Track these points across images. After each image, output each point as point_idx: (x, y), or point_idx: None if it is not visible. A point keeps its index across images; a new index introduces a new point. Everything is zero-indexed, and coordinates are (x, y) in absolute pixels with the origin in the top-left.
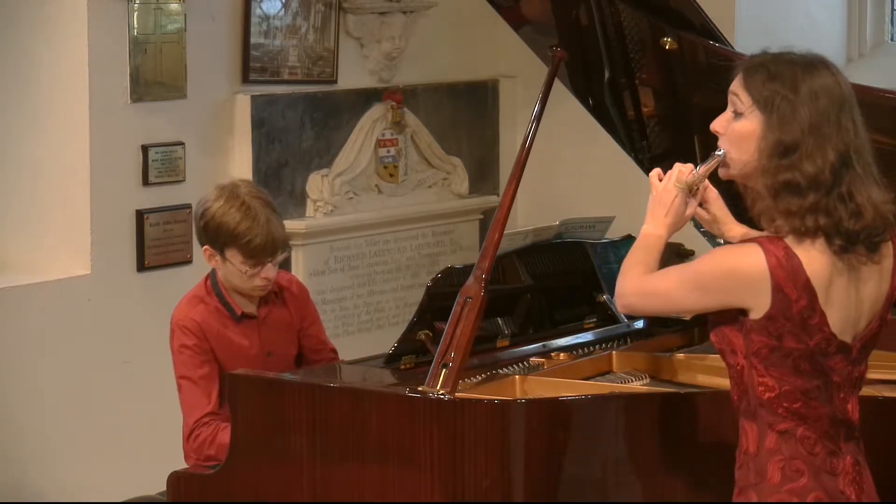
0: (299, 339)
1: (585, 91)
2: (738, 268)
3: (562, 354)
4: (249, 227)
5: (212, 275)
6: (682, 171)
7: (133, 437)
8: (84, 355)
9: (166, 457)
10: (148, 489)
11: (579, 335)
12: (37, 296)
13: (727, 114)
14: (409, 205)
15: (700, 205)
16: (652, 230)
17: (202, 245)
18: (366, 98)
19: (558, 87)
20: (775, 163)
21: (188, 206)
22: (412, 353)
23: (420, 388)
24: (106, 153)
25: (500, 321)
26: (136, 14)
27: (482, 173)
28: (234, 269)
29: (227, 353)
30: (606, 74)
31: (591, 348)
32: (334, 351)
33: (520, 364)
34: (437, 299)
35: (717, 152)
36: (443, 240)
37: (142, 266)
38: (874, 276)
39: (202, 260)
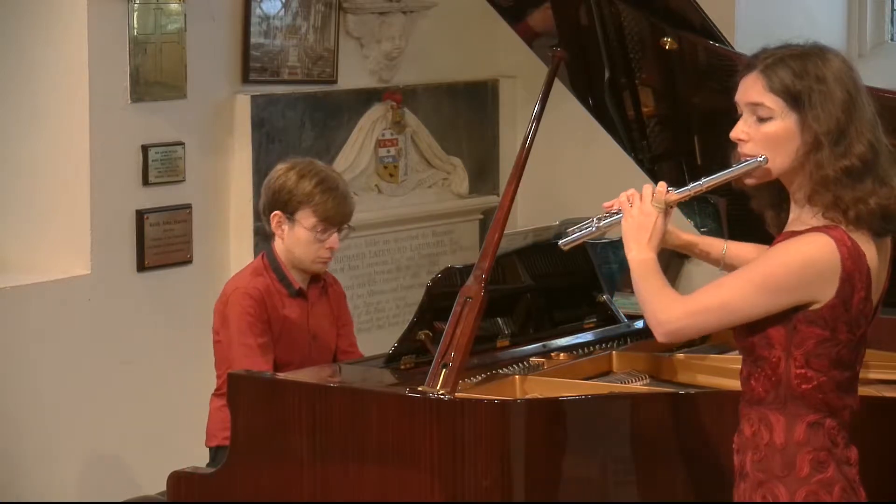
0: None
1: (585, 91)
2: (813, 258)
3: (562, 354)
4: (326, 189)
5: (268, 252)
6: (659, 190)
7: (133, 437)
8: (84, 355)
9: (166, 457)
10: (148, 489)
11: (579, 335)
12: (37, 296)
13: (748, 120)
14: (409, 205)
15: None
16: (642, 255)
17: (269, 213)
18: (366, 98)
19: (558, 87)
20: (828, 153)
21: (188, 206)
22: (412, 353)
23: (420, 388)
24: (106, 153)
25: (500, 321)
26: (136, 14)
27: (482, 173)
28: (302, 233)
29: (280, 328)
30: (606, 74)
31: (591, 348)
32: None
33: (520, 364)
34: (437, 299)
35: (748, 160)
36: (443, 240)
37: (142, 266)
38: (885, 265)
39: (202, 260)
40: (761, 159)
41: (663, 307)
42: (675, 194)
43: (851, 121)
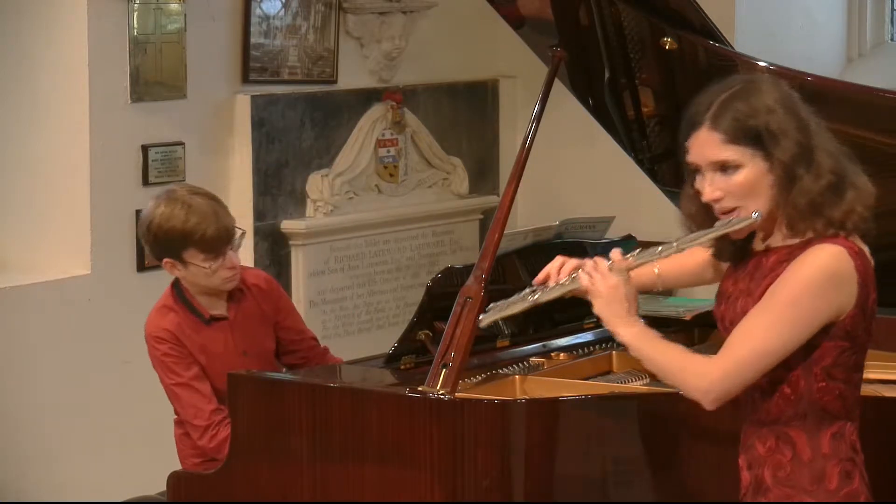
0: (276, 333)
1: (585, 91)
2: (832, 270)
3: (562, 354)
4: (198, 222)
5: (175, 283)
6: (616, 260)
7: (133, 437)
8: (84, 355)
9: (166, 457)
10: (148, 489)
11: (579, 335)
12: (37, 296)
13: (713, 177)
14: (409, 205)
15: None
16: (633, 328)
17: (159, 260)
18: (366, 98)
19: (558, 87)
20: (806, 178)
21: None
22: (412, 353)
23: (420, 388)
24: (106, 153)
25: (500, 321)
26: (136, 14)
27: (482, 173)
28: (197, 269)
29: (204, 357)
30: (606, 74)
31: (591, 348)
32: (315, 339)
33: (520, 364)
34: (437, 299)
35: (740, 218)
36: (443, 240)
37: (142, 266)
38: None
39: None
40: (756, 216)
41: (698, 375)
42: (635, 261)
43: (810, 138)
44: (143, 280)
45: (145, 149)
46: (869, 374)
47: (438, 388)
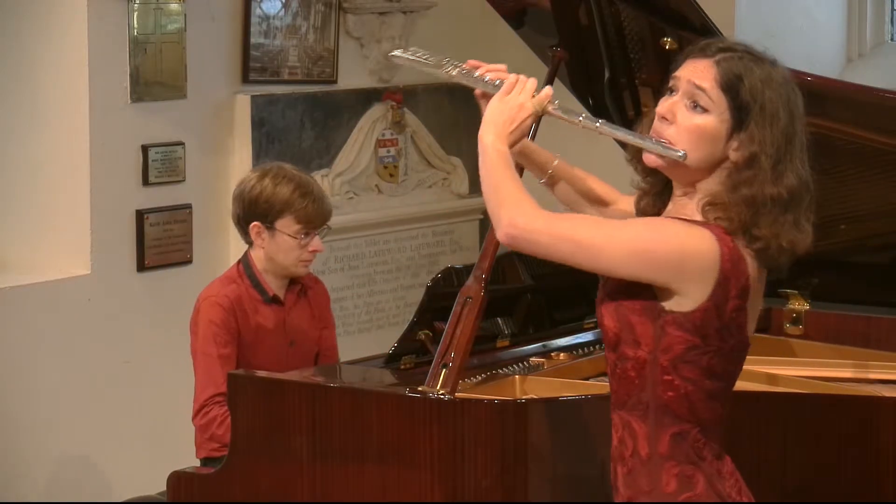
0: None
1: (585, 91)
2: (691, 249)
3: (562, 354)
4: (304, 194)
5: (244, 259)
6: (545, 94)
7: (133, 437)
8: (84, 355)
9: (166, 457)
10: (148, 489)
11: (579, 335)
12: (37, 296)
13: (680, 101)
14: (409, 205)
15: None
16: (500, 146)
17: (248, 224)
18: (366, 98)
19: (558, 86)
20: (761, 175)
21: (188, 206)
22: (412, 353)
23: (420, 388)
24: (106, 153)
25: (500, 321)
26: (136, 14)
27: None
28: (285, 239)
29: (253, 335)
30: (606, 74)
31: (591, 348)
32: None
33: (520, 364)
34: (437, 299)
35: (667, 146)
36: (443, 240)
37: (142, 266)
38: (762, 290)
39: (202, 260)
40: (680, 154)
41: (523, 212)
42: (553, 110)
43: (789, 149)
44: (143, 280)
45: (145, 149)
46: (869, 374)
47: (438, 388)
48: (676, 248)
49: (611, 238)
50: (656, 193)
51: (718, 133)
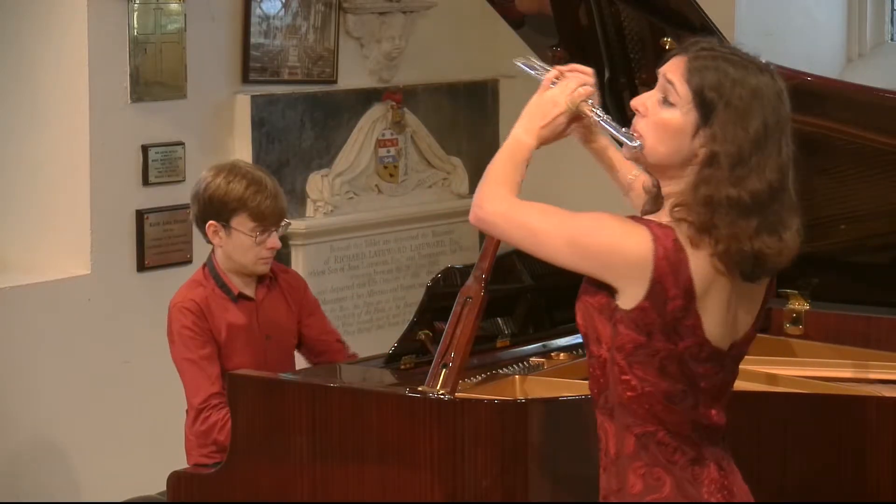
0: (301, 330)
1: None
2: (622, 246)
3: (562, 354)
4: (258, 191)
5: (208, 261)
6: (581, 92)
7: (133, 437)
8: (84, 355)
9: (166, 457)
10: (148, 489)
11: (579, 335)
12: (37, 296)
13: (653, 95)
14: (409, 205)
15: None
16: (524, 136)
17: (205, 223)
18: (366, 98)
19: None
20: (720, 174)
21: (188, 206)
22: (412, 353)
23: (420, 388)
24: (106, 153)
25: (500, 321)
26: (136, 14)
27: (482, 173)
28: (241, 238)
29: (227, 334)
30: (606, 74)
31: None
32: (341, 342)
33: (520, 364)
34: (437, 299)
35: (628, 134)
36: (443, 240)
37: (142, 266)
38: (756, 287)
39: (202, 260)
40: (636, 145)
41: (493, 196)
42: (588, 109)
43: (757, 154)
44: (143, 280)
45: (145, 149)
46: (869, 374)
47: (438, 388)
48: (607, 243)
49: (556, 227)
50: (654, 196)
51: (683, 128)
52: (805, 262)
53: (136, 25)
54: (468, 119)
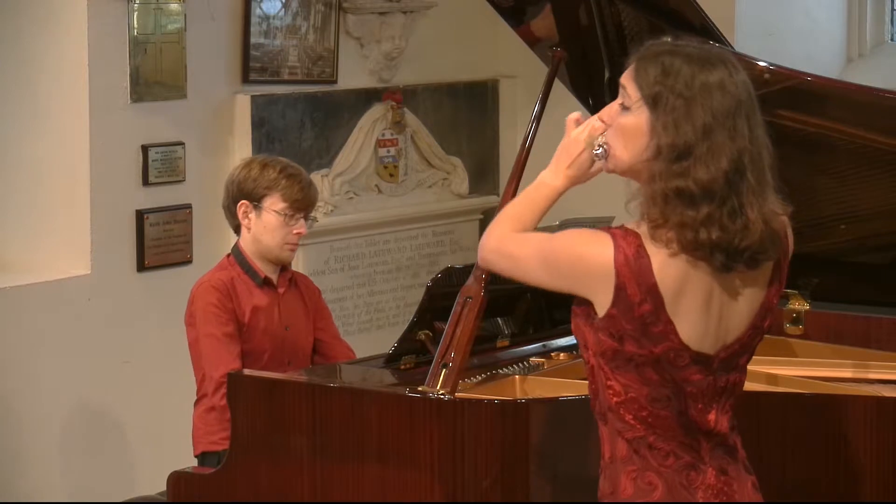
0: (315, 334)
1: (585, 91)
2: (583, 256)
3: (562, 354)
4: (291, 175)
5: (233, 249)
6: (596, 127)
7: (133, 437)
8: (84, 355)
9: (166, 457)
10: (148, 489)
11: None
12: (37, 296)
13: (615, 104)
14: (409, 205)
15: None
16: (549, 179)
17: (235, 204)
18: (366, 98)
19: (558, 87)
20: (666, 167)
21: (188, 206)
22: (412, 353)
23: (420, 388)
24: (106, 153)
25: (500, 321)
26: (136, 14)
27: (482, 173)
28: (271, 218)
29: (251, 316)
30: (606, 74)
31: None
32: (349, 349)
33: (520, 364)
34: (437, 299)
35: (596, 149)
36: (443, 240)
37: (142, 266)
38: (748, 287)
39: (202, 260)
40: (598, 152)
41: (494, 234)
42: (599, 138)
43: (703, 144)
44: (143, 280)
45: (145, 149)
46: (869, 374)
47: (438, 388)
48: (572, 255)
49: (532, 250)
50: None
51: (639, 128)
52: (805, 262)
53: (135, 25)
54: (468, 119)
